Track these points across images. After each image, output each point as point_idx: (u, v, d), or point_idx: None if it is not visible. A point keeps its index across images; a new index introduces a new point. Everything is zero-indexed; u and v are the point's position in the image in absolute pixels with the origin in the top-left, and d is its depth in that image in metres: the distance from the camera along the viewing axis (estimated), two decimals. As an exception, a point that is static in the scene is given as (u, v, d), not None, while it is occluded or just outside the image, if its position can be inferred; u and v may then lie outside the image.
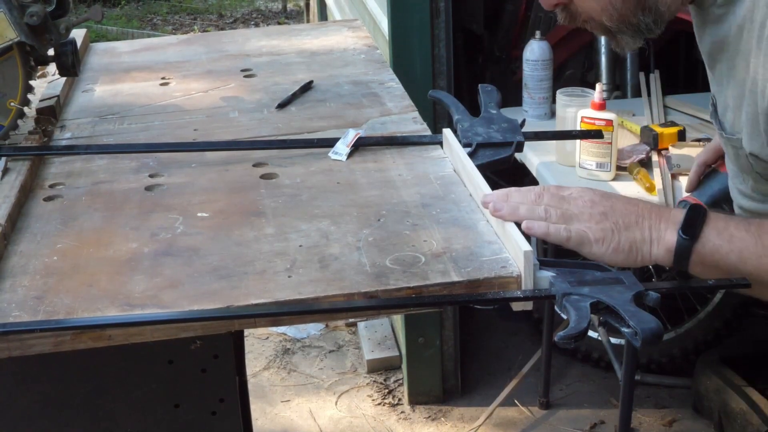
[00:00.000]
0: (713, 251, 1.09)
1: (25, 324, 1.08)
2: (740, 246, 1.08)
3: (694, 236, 1.10)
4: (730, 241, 1.09)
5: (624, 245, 1.14)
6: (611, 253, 1.14)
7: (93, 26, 7.79)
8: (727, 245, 1.09)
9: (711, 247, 1.09)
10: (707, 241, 1.10)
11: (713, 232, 1.10)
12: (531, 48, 2.65)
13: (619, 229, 1.14)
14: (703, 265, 1.11)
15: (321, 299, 1.12)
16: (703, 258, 1.10)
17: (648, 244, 1.13)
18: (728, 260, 1.09)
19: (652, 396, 3.00)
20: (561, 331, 1.06)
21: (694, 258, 1.11)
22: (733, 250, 1.08)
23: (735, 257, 1.08)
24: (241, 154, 1.57)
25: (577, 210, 1.16)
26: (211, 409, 1.29)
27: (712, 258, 1.10)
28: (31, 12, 1.54)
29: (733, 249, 1.09)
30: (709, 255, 1.10)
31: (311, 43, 2.26)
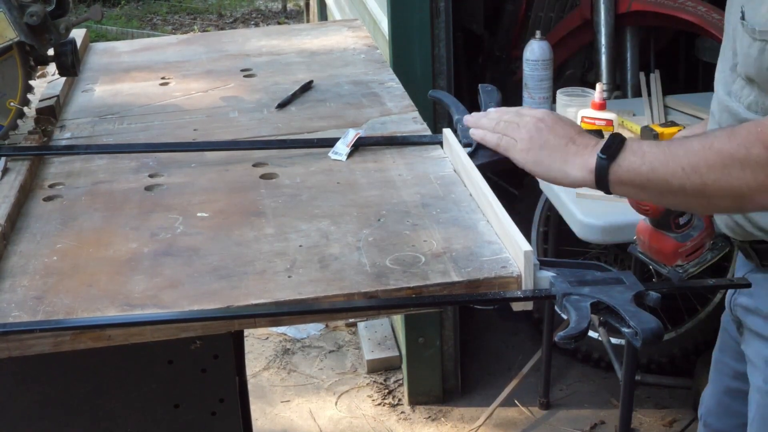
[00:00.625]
0: (628, 168, 1.19)
1: (24, 324, 1.08)
2: (651, 159, 1.18)
3: (611, 156, 1.20)
4: (644, 156, 1.18)
5: (545, 160, 1.27)
6: (532, 163, 1.29)
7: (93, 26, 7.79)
8: (640, 160, 1.18)
9: (627, 164, 1.19)
10: (623, 159, 1.19)
11: (629, 151, 1.20)
12: (531, 48, 2.65)
13: (546, 146, 1.27)
14: (622, 184, 1.20)
15: (321, 299, 1.12)
16: (620, 176, 1.20)
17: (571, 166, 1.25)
18: (641, 172, 1.18)
19: (653, 396, 3.00)
20: (561, 331, 1.06)
21: (612, 177, 1.20)
22: (645, 163, 1.18)
23: (647, 169, 1.17)
24: (241, 154, 1.57)
25: (522, 124, 1.31)
26: (211, 409, 1.29)
27: (627, 175, 1.19)
28: (30, 12, 1.54)
29: (645, 162, 1.18)
30: (625, 173, 1.19)
31: (311, 43, 2.26)
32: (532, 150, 1.29)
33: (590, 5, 3.02)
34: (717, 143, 1.14)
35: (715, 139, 1.15)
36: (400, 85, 1.92)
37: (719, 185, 1.13)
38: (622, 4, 2.96)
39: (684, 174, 1.15)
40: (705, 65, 3.37)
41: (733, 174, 1.12)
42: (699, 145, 1.16)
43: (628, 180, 1.20)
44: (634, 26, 3.07)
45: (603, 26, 2.99)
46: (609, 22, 2.98)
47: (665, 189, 1.17)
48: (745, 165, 1.11)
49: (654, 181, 1.18)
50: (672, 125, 2.35)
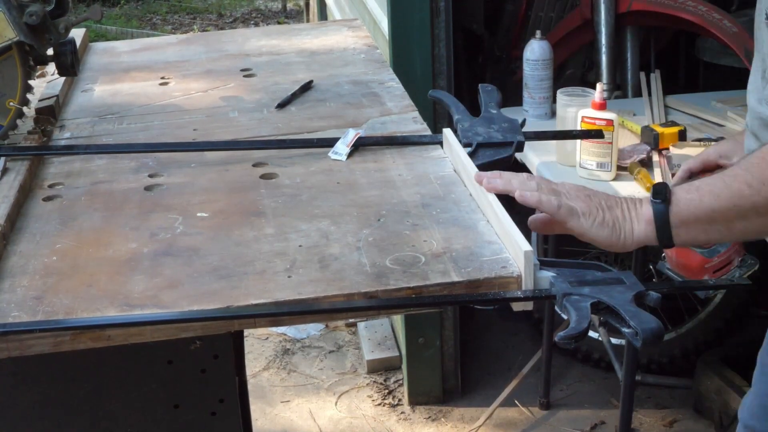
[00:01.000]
0: (687, 205, 1.13)
1: (24, 324, 1.08)
2: (709, 188, 1.13)
3: (665, 199, 1.15)
4: (699, 191, 1.14)
5: (608, 220, 1.19)
6: (597, 226, 1.20)
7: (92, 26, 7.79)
8: (697, 194, 1.13)
9: (684, 202, 1.14)
10: (679, 199, 1.14)
11: (681, 191, 1.15)
12: (531, 48, 2.65)
13: (602, 208, 1.20)
14: (684, 224, 1.14)
15: (321, 299, 1.12)
16: (681, 216, 1.14)
17: (629, 222, 1.19)
18: (703, 205, 1.12)
19: (653, 396, 3.00)
20: (561, 331, 1.06)
21: (673, 219, 1.14)
22: (704, 195, 1.12)
23: (708, 199, 1.12)
24: (240, 154, 1.57)
25: (565, 190, 1.23)
26: (211, 409, 1.29)
27: (688, 212, 1.13)
28: (30, 11, 1.54)
29: (703, 194, 1.13)
30: (686, 210, 1.13)
31: (311, 42, 2.26)
32: (592, 214, 1.21)
33: (590, 5, 3.02)
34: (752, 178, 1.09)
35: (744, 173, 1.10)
36: (400, 85, 1.92)
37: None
38: (622, 4, 2.96)
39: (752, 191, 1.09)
40: (705, 65, 3.37)
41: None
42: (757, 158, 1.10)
43: (691, 218, 1.14)
44: (634, 26, 3.07)
45: (603, 26, 2.98)
46: (609, 22, 2.97)
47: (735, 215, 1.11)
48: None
49: (720, 210, 1.11)
50: (672, 125, 2.35)
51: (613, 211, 1.20)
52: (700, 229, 1.15)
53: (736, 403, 2.61)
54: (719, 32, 2.73)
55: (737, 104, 2.58)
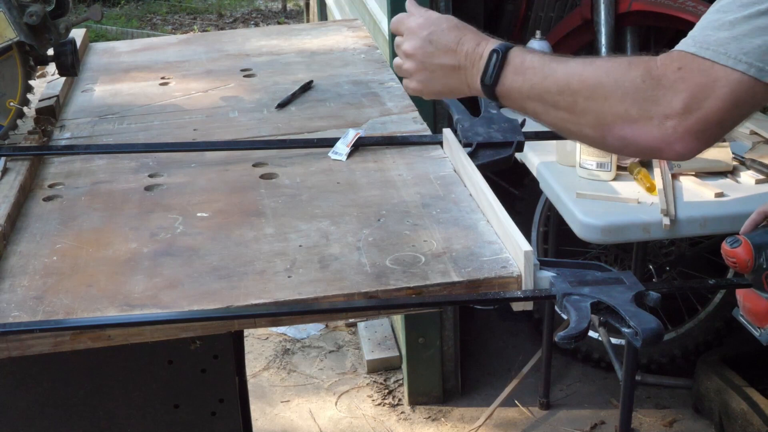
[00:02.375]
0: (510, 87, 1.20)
1: (24, 324, 1.08)
2: (530, 75, 1.18)
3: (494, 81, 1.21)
4: (524, 74, 1.19)
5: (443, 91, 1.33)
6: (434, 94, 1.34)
7: (92, 26, 7.79)
8: (521, 78, 1.19)
9: (508, 84, 1.20)
10: (505, 79, 1.21)
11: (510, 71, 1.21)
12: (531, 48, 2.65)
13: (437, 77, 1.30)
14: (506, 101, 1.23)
15: (321, 299, 1.12)
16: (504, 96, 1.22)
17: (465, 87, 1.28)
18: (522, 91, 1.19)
19: (653, 396, 3.00)
20: (561, 331, 1.06)
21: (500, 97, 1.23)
22: (525, 81, 1.18)
23: (526, 87, 1.18)
24: (240, 154, 1.57)
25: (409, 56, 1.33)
26: (211, 409, 1.29)
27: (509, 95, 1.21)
28: (30, 12, 1.54)
29: (525, 80, 1.18)
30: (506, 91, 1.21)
31: (311, 42, 2.26)
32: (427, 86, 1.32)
33: (590, 5, 3.02)
34: (598, 60, 1.13)
35: (598, 58, 1.15)
36: (400, 85, 1.91)
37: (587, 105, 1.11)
38: (622, 4, 2.96)
39: (557, 90, 1.14)
40: (705, 65, 3.36)
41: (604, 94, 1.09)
42: (581, 60, 1.15)
43: (510, 98, 1.22)
44: (634, 26, 3.07)
45: (603, 26, 2.98)
46: (609, 22, 2.97)
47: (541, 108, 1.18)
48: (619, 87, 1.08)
49: (532, 98, 1.18)
50: (672, 125, 2.35)
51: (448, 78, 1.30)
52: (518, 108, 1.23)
53: (735, 403, 2.61)
54: (719, 32, 2.73)
55: (737, 104, 2.57)
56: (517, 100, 1.21)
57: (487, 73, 1.22)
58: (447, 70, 1.29)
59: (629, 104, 1.06)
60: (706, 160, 2.19)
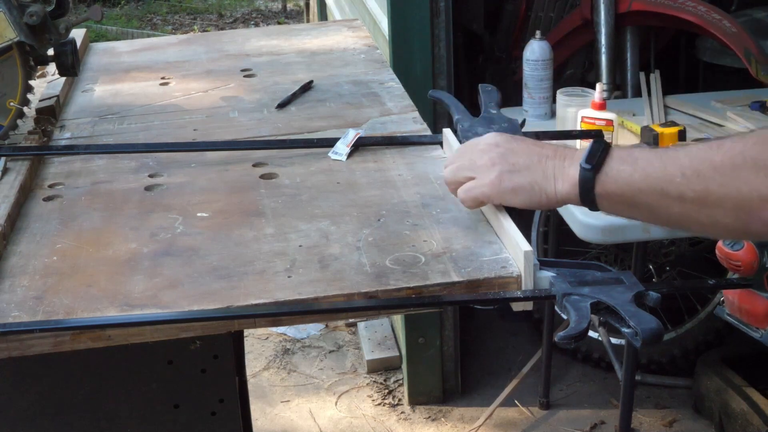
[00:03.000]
0: (616, 178, 1.05)
1: (24, 324, 1.08)
2: (643, 165, 1.03)
3: (596, 166, 1.06)
4: (634, 163, 1.05)
5: (524, 185, 1.13)
6: (510, 193, 1.14)
7: (92, 26, 7.79)
8: (631, 167, 1.04)
9: (614, 173, 1.05)
10: (610, 168, 1.06)
11: (616, 160, 1.06)
12: (531, 48, 2.65)
13: (517, 170, 1.13)
14: (608, 198, 1.07)
15: (321, 299, 1.12)
16: (606, 187, 1.06)
17: (552, 181, 1.11)
18: (632, 182, 1.04)
19: (653, 396, 3.00)
20: (561, 331, 1.06)
21: (598, 188, 1.07)
22: (637, 170, 1.04)
23: (639, 176, 1.04)
24: (240, 154, 1.57)
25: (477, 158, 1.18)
26: (211, 409, 1.29)
27: (615, 185, 1.06)
28: (30, 12, 1.54)
29: (636, 169, 1.04)
30: (612, 182, 1.06)
31: (311, 43, 2.26)
32: (503, 180, 1.14)
33: (590, 5, 3.02)
34: (728, 143, 0.99)
35: (725, 140, 1.00)
36: (400, 85, 1.92)
37: (725, 191, 0.97)
38: (622, 4, 2.96)
39: (684, 180, 1.00)
40: (705, 65, 3.37)
41: (743, 177, 0.96)
42: (705, 146, 1.01)
43: (616, 192, 1.06)
44: (634, 26, 3.07)
45: (603, 26, 2.98)
46: (609, 22, 2.98)
47: (659, 201, 1.03)
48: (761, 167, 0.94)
49: (646, 191, 1.03)
50: (672, 125, 2.35)
51: (531, 171, 1.12)
52: (624, 206, 1.08)
53: (735, 403, 2.61)
54: (719, 32, 2.74)
55: (737, 104, 2.58)
56: (626, 193, 1.05)
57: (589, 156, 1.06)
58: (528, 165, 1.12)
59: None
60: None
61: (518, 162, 1.14)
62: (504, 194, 1.15)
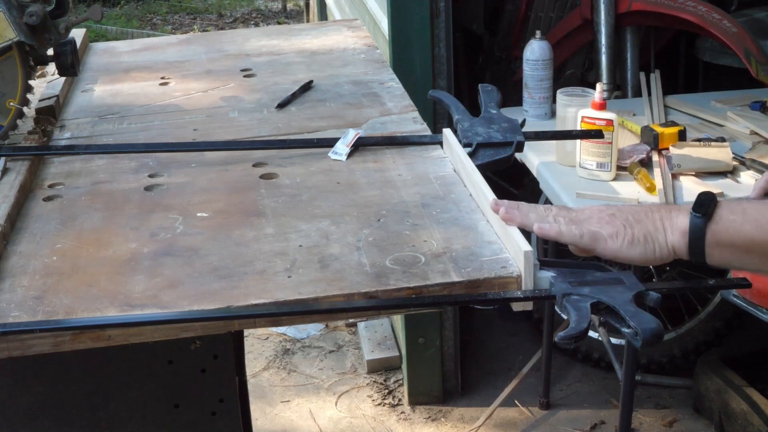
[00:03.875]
0: (728, 226, 1.06)
1: (24, 324, 1.08)
2: (755, 215, 1.05)
3: (706, 214, 1.07)
4: (744, 214, 1.06)
5: (638, 237, 1.12)
6: (627, 246, 1.12)
7: (92, 26, 7.79)
8: (741, 218, 1.06)
9: (725, 222, 1.06)
10: (720, 218, 1.07)
11: (725, 209, 1.08)
12: (531, 48, 2.65)
13: (630, 224, 1.13)
14: (719, 246, 1.07)
15: (321, 299, 1.12)
16: (718, 236, 1.07)
17: (662, 232, 1.12)
18: (744, 232, 1.05)
19: (653, 396, 3.00)
20: (561, 331, 1.06)
21: (709, 237, 1.07)
22: (748, 221, 1.05)
23: (750, 227, 1.05)
24: (240, 154, 1.57)
25: (585, 216, 1.17)
26: (211, 409, 1.29)
27: (727, 234, 1.06)
28: (30, 12, 1.54)
29: (747, 220, 1.05)
30: (724, 231, 1.06)
31: (311, 43, 2.26)
32: (619, 234, 1.13)
33: (590, 5, 3.02)
34: None
35: None
36: (400, 85, 1.92)
37: None
38: (622, 4, 2.96)
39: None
40: (705, 65, 3.37)
41: None
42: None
43: (728, 241, 1.06)
44: (634, 26, 3.07)
45: (603, 26, 2.99)
46: (609, 22, 2.98)
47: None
48: None
49: (759, 242, 1.04)
50: (672, 125, 2.35)
51: (642, 224, 1.13)
52: (735, 255, 1.08)
53: (735, 403, 2.61)
54: (719, 32, 2.73)
55: (737, 104, 2.58)
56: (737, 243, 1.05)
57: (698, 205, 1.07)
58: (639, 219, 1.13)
59: None
60: (706, 160, 2.19)
61: (629, 218, 1.14)
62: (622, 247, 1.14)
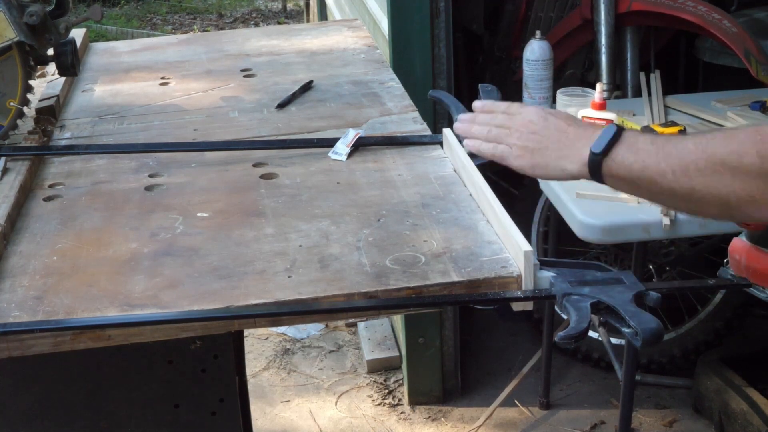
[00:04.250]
0: (621, 163, 1.17)
1: (24, 324, 1.08)
2: (643, 156, 1.15)
3: (604, 152, 1.18)
4: (636, 153, 1.16)
5: (542, 162, 1.25)
6: (529, 167, 1.27)
7: (92, 26, 7.79)
8: (633, 156, 1.16)
9: (619, 159, 1.17)
10: (617, 154, 1.17)
11: (624, 146, 1.18)
12: (531, 48, 2.65)
13: (541, 148, 1.26)
14: (614, 177, 1.18)
15: (321, 299, 1.12)
16: (611, 170, 1.18)
17: (566, 161, 1.23)
18: (632, 170, 1.16)
19: (653, 396, 3.00)
20: (561, 331, 1.06)
21: (605, 170, 1.18)
22: (637, 161, 1.15)
23: (638, 167, 1.15)
24: (240, 154, 1.57)
25: (514, 128, 1.29)
26: (211, 409, 1.29)
27: (618, 170, 1.17)
28: (30, 12, 1.54)
29: (637, 159, 1.15)
30: (617, 166, 1.17)
31: (311, 43, 2.26)
32: (526, 154, 1.27)
33: (590, 5, 3.02)
34: (711, 146, 1.10)
35: (709, 142, 1.11)
36: (400, 85, 1.92)
37: (708, 191, 1.09)
38: (622, 4, 2.96)
39: (674, 177, 1.12)
40: (705, 65, 3.37)
41: (722, 181, 1.08)
42: (693, 146, 1.12)
43: (619, 175, 1.18)
44: (634, 26, 3.07)
45: (603, 26, 2.98)
46: (609, 22, 2.98)
47: (655, 189, 1.15)
48: (736, 173, 1.06)
49: (644, 179, 1.15)
50: (672, 125, 2.35)
51: (551, 150, 1.25)
52: (626, 186, 1.20)
53: (735, 403, 2.61)
54: (719, 32, 2.73)
55: (737, 104, 2.58)
56: (626, 179, 1.18)
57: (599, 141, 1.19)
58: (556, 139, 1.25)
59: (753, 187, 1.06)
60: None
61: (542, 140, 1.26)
62: (524, 167, 1.27)
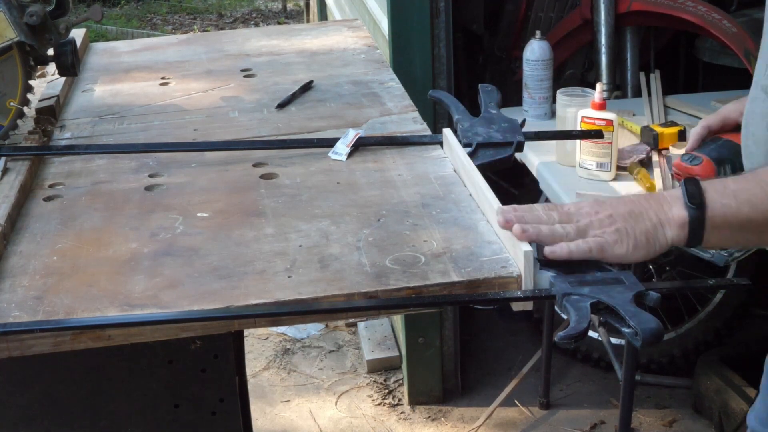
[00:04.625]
0: (724, 211, 1.07)
1: (24, 324, 1.08)
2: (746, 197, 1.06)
3: (701, 204, 1.08)
4: (736, 197, 1.07)
5: (641, 239, 1.13)
6: (632, 250, 1.13)
7: (92, 26, 7.79)
8: (734, 201, 1.07)
9: (720, 207, 1.07)
10: (714, 203, 1.08)
11: (713, 193, 1.09)
12: (531, 48, 2.65)
13: (630, 226, 1.13)
14: (718, 230, 1.09)
15: (321, 299, 1.12)
16: (716, 222, 1.08)
17: (661, 229, 1.13)
18: (741, 214, 1.07)
19: (653, 396, 3.00)
20: (561, 331, 1.06)
21: (708, 225, 1.09)
22: (742, 203, 1.07)
23: (747, 208, 1.06)
24: (240, 154, 1.57)
25: (585, 222, 1.16)
26: (211, 409, 1.29)
27: (724, 219, 1.08)
28: (30, 12, 1.54)
29: (741, 202, 1.07)
30: (721, 216, 1.08)
31: (311, 43, 2.26)
32: (623, 239, 1.13)
33: (590, 5, 3.02)
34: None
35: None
36: (400, 85, 1.92)
37: None
38: (622, 4, 2.96)
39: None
40: (705, 65, 3.37)
41: None
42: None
43: (724, 225, 1.08)
44: (634, 26, 3.07)
45: (603, 26, 2.99)
46: (609, 22, 2.98)
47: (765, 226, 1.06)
48: None
49: (756, 221, 1.06)
50: (672, 125, 2.35)
51: (641, 223, 1.13)
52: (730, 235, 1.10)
53: (735, 403, 2.61)
54: (719, 32, 2.74)
55: (737, 104, 2.57)
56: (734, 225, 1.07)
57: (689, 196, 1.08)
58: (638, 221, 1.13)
59: None
60: (706, 160, 2.19)
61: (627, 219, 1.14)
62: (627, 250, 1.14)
